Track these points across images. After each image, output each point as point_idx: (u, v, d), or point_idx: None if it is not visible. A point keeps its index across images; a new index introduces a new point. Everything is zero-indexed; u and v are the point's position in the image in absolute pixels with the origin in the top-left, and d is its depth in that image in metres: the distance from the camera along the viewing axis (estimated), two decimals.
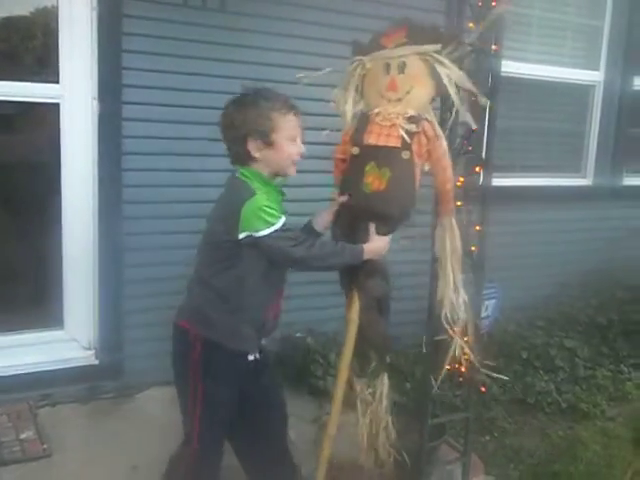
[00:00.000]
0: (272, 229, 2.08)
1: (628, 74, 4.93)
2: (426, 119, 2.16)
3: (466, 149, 2.49)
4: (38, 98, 3.15)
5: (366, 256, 2.24)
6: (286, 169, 2.22)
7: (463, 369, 2.65)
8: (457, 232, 2.30)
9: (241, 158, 2.19)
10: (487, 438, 3.43)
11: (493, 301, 4.02)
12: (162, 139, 3.33)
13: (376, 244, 2.27)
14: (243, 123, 2.14)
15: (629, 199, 5.04)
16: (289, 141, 2.18)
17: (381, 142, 2.18)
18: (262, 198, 2.10)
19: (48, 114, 3.17)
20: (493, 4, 2.43)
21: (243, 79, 2.65)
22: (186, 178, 3.41)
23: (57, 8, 3.09)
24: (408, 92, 2.19)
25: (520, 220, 4.58)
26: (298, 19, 3.58)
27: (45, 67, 3.20)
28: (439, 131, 2.18)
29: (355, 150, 2.26)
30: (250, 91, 2.20)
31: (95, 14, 3.10)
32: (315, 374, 3.57)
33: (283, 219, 2.11)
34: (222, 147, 2.42)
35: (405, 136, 2.12)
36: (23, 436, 2.94)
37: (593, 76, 4.93)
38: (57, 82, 3.13)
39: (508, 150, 4.58)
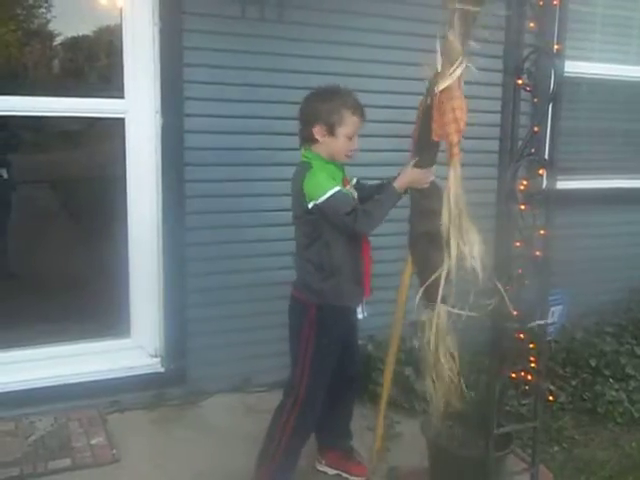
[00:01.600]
0: (328, 194, 2.42)
1: None
2: None
3: (529, 151, 2.43)
4: (105, 113, 3.28)
5: (401, 188, 2.52)
6: (339, 158, 2.56)
7: (530, 377, 2.59)
8: (457, 180, 2.29)
9: (306, 139, 2.55)
10: (556, 449, 3.32)
11: (559, 307, 3.92)
12: (223, 150, 3.38)
13: (408, 174, 2.51)
14: (316, 110, 2.50)
15: None
16: (347, 137, 2.51)
17: None
18: (318, 171, 2.46)
19: (114, 129, 3.27)
20: (555, 3, 2.38)
21: (302, 89, 2.70)
22: (246, 188, 3.46)
23: (120, 26, 3.19)
24: None
25: (588, 223, 4.45)
26: (356, 27, 3.58)
27: (110, 83, 3.31)
28: None
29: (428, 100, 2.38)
30: (333, 85, 2.57)
31: (157, 30, 3.18)
32: (377, 382, 3.55)
33: (337, 188, 2.43)
34: (281, 156, 2.49)
35: None
36: (94, 442, 3.03)
37: None
38: (122, 97, 3.23)
39: (575, 152, 4.47)
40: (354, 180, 2.74)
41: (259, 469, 2.67)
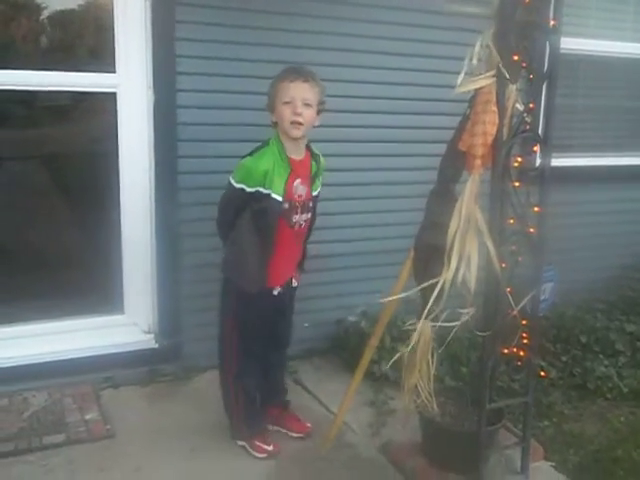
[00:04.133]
0: (229, 180, 2.60)
1: None
2: None
3: (523, 128, 2.43)
4: (96, 88, 3.23)
5: None
6: (288, 131, 2.57)
7: (522, 353, 2.61)
8: (473, 194, 2.30)
9: (273, 125, 2.64)
10: (546, 423, 3.36)
11: (550, 284, 3.93)
12: (216, 125, 3.36)
13: None
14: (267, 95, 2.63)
15: None
16: (283, 104, 2.54)
17: None
18: (252, 161, 2.56)
19: (106, 103, 3.23)
20: None
21: (296, 64, 2.68)
22: None
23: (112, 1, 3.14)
24: None
25: (580, 201, 4.47)
26: (361, 19, 3.59)
27: (101, 57, 3.27)
28: None
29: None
30: None
31: (149, 3, 3.14)
32: (371, 359, 3.56)
33: (241, 185, 2.56)
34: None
35: None
36: (88, 417, 3.04)
37: None
38: (114, 72, 3.19)
39: (570, 129, 4.47)
40: (317, 186, 2.76)
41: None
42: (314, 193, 2.76)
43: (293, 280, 2.86)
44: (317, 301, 3.76)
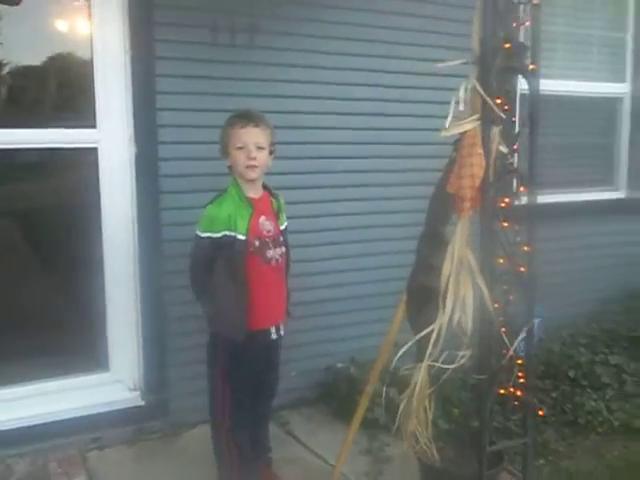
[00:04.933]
0: (197, 233, 2.65)
1: None
2: None
3: (508, 169, 2.47)
4: (76, 144, 3.20)
5: None
6: (244, 174, 2.66)
7: (519, 393, 2.60)
8: (464, 237, 2.32)
9: (228, 169, 2.73)
10: (542, 462, 3.34)
11: (537, 320, 3.97)
12: (198, 176, 3.34)
13: None
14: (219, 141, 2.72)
15: None
16: (236, 149, 2.63)
17: None
18: (214, 208, 2.64)
19: (87, 158, 3.20)
20: (527, 23, 2.43)
21: (275, 113, 2.71)
22: None
23: (92, 54, 3.15)
24: None
25: (555, 237, 4.52)
26: (325, 51, 3.63)
27: (82, 112, 3.24)
28: None
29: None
30: None
31: (129, 57, 3.15)
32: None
33: (207, 234, 2.60)
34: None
35: None
36: None
37: (619, 88, 4.92)
38: (94, 127, 3.17)
39: (540, 167, 4.55)
40: (283, 220, 2.82)
41: None
42: (282, 227, 2.82)
43: (281, 327, 2.83)
44: (304, 348, 3.72)
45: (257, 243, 2.66)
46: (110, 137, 3.19)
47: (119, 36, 3.14)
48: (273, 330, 2.77)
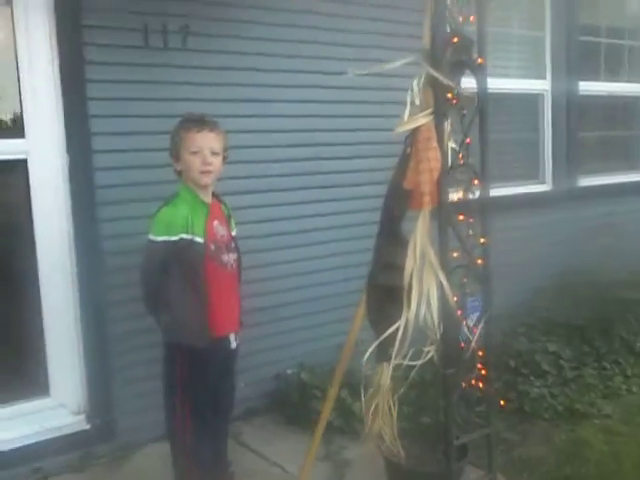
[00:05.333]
0: (150, 237, 2.52)
1: (573, 80, 5.12)
2: None
3: (459, 163, 2.50)
4: (4, 155, 2.99)
5: None
6: (198, 180, 2.57)
7: (480, 384, 2.63)
8: (425, 231, 2.33)
9: (176, 174, 2.64)
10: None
11: (477, 313, 4.05)
12: (138, 185, 3.20)
13: None
14: (169, 144, 2.61)
15: (588, 199, 5.20)
16: (191, 154, 2.53)
17: None
18: (169, 209, 2.53)
19: (16, 170, 3.01)
20: (471, 19, 2.46)
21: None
22: None
23: (16, 60, 2.95)
24: None
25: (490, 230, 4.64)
26: (260, 52, 3.57)
27: (8, 122, 3.05)
28: None
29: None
30: None
31: (57, 63, 2.99)
32: (316, 410, 3.47)
33: (163, 237, 2.48)
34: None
35: None
36: None
37: (541, 85, 5.09)
38: (23, 137, 2.98)
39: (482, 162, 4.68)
40: (234, 227, 2.77)
41: None
42: (233, 233, 2.77)
43: (237, 336, 2.75)
44: (252, 357, 3.61)
45: (213, 247, 2.58)
46: (40, 147, 3.01)
47: (45, 41, 2.97)
48: (232, 338, 2.69)
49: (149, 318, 3.24)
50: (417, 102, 2.27)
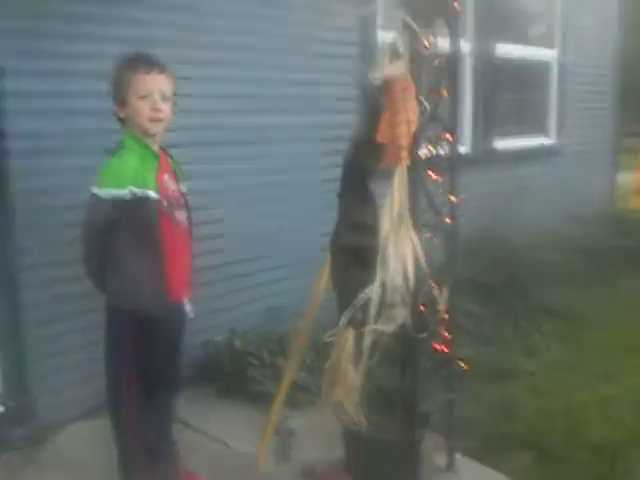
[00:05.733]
0: (94, 192, 2.21)
1: (491, 43, 5.13)
2: None
3: (433, 116, 2.37)
4: None
5: None
6: (147, 128, 2.27)
7: (445, 349, 2.56)
8: (403, 186, 2.20)
9: (120, 122, 2.31)
10: None
11: None
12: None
13: None
14: (110, 86, 2.28)
15: (504, 162, 5.29)
16: (139, 98, 2.23)
17: None
18: (116, 161, 2.23)
19: None
20: None
21: None
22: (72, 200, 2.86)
23: None
24: None
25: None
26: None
27: None
28: None
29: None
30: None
31: None
32: (253, 378, 3.28)
33: (110, 192, 2.18)
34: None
35: None
36: None
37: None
38: None
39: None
40: (184, 183, 2.48)
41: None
42: (184, 189, 2.46)
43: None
44: None
45: (166, 203, 2.30)
46: None
47: None
48: (187, 303, 2.45)
49: (68, 284, 2.94)
50: (401, 49, 2.09)
